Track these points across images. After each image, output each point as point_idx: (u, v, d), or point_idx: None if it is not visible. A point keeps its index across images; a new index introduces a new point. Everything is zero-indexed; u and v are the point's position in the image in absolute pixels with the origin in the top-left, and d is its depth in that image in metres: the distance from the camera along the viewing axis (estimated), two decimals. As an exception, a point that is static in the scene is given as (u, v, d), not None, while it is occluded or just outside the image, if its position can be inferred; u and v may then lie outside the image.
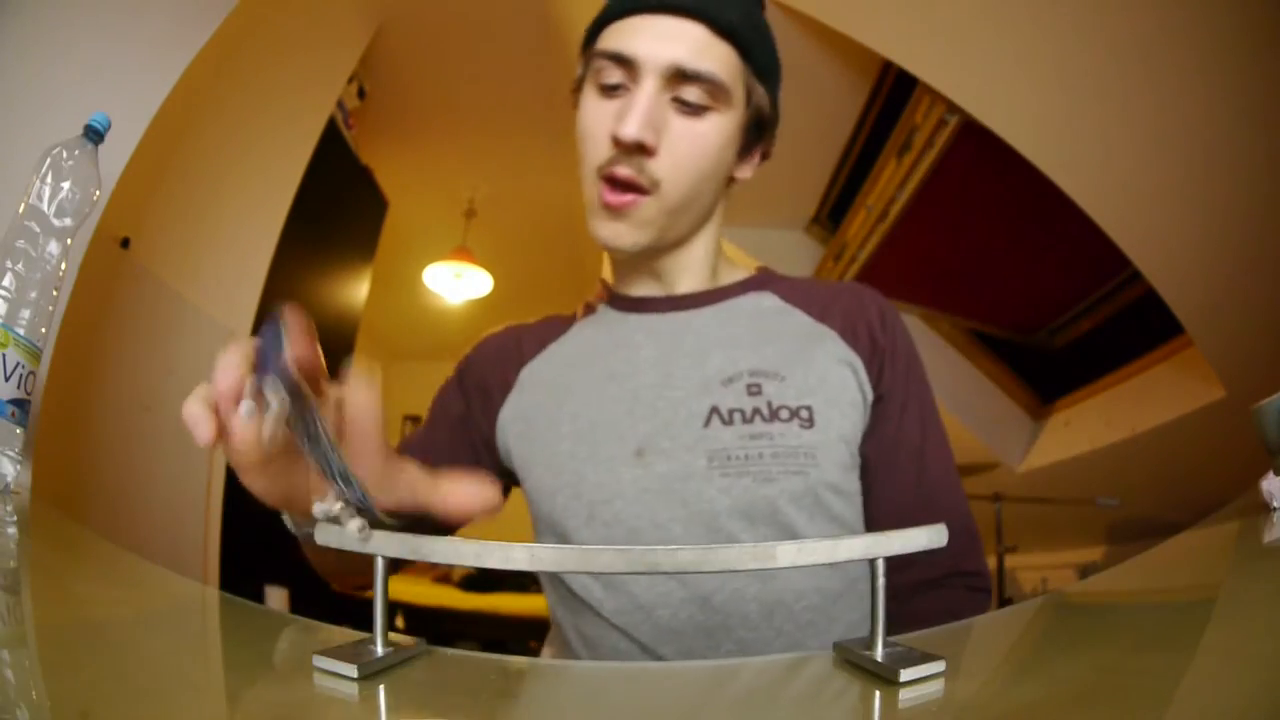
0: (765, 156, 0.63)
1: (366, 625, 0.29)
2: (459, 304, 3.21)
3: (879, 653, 0.28)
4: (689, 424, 0.54)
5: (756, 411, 0.54)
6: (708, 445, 0.53)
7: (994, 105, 1.28)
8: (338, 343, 2.11)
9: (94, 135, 0.64)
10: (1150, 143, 1.11)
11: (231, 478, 1.23)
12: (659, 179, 0.54)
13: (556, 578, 0.59)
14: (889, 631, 0.28)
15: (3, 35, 0.77)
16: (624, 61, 0.53)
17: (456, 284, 3.03)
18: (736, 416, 0.54)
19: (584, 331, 0.64)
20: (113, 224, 0.88)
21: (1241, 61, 0.99)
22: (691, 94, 0.53)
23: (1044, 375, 2.11)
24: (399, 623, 2.72)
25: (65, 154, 0.61)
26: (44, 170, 0.60)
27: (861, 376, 0.57)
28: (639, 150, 0.52)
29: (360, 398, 0.35)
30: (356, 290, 2.15)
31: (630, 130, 0.51)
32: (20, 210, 0.59)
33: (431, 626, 2.89)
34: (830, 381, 0.56)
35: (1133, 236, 1.23)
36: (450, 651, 0.32)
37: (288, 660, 0.32)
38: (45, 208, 0.59)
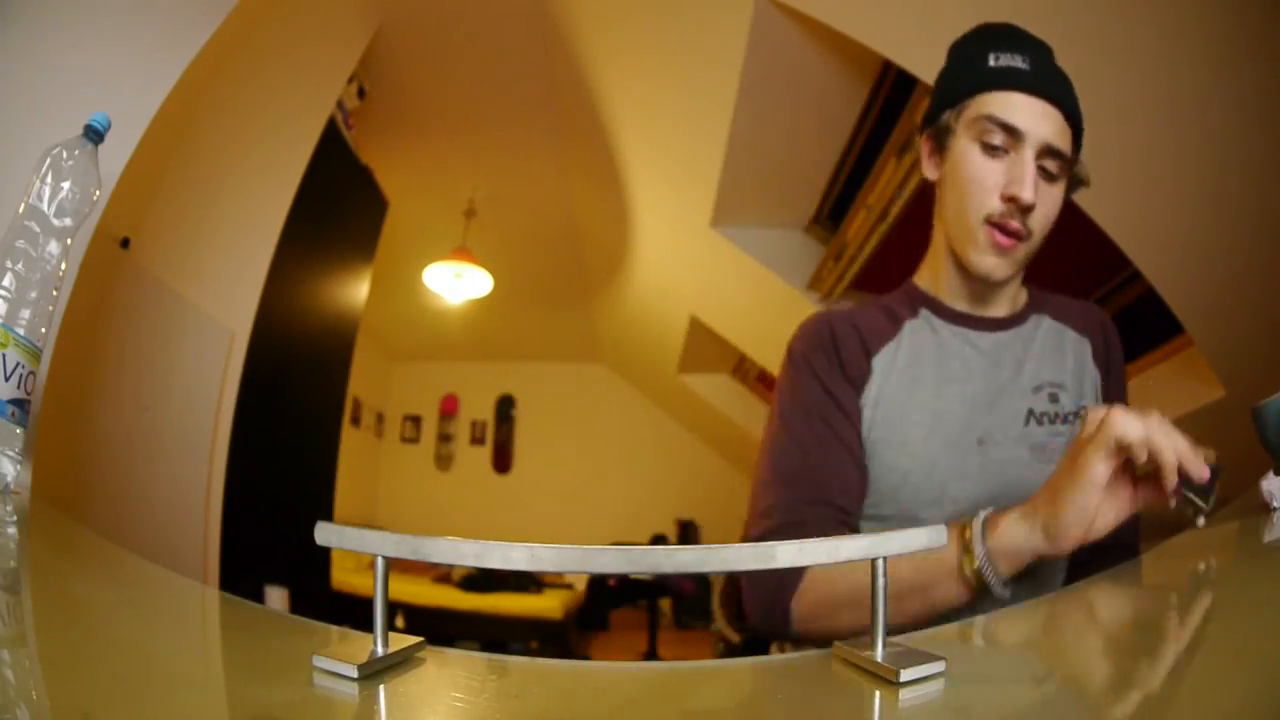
0: None
1: (366, 625, 0.29)
2: (459, 304, 3.21)
3: (879, 653, 0.28)
4: (1015, 421, 0.70)
5: (1058, 415, 0.70)
6: (1029, 439, 0.69)
7: (994, 105, 1.27)
8: (338, 342, 2.11)
9: (94, 135, 0.64)
10: (1149, 142, 1.11)
11: (231, 478, 1.23)
12: (1032, 229, 0.68)
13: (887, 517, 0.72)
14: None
15: (3, 35, 0.77)
16: (1012, 131, 0.67)
17: (456, 284, 3.03)
18: (1045, 418, 0.70)
19: (919, 333, 0.75)
20: (113, 224, 0.88)
21: (1241, 60, 0.99)
22: (1052, 165, 0.67)
23: (1044, 375, 2.11)
24: (399, 623, 2.72)
25: (65, 154, 0.61)
26: (44, 170, 0.60)
27: (1097, 388, 0.74)
28: (1026, 209, 0.67)
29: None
30: (356, 290, 2.15)
31: (1029, 196, 0.66)
32: (20, 210, 0.59)
33: (431, 626, 2.90)
34: (1087, 391, 0.73)
35: (1133, 236, 1.23)
36: (450, 651, 0.32)
37: (288, 660, 0.32)
38: (45, 208, 0.59)
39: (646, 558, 0.27)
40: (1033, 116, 0.67)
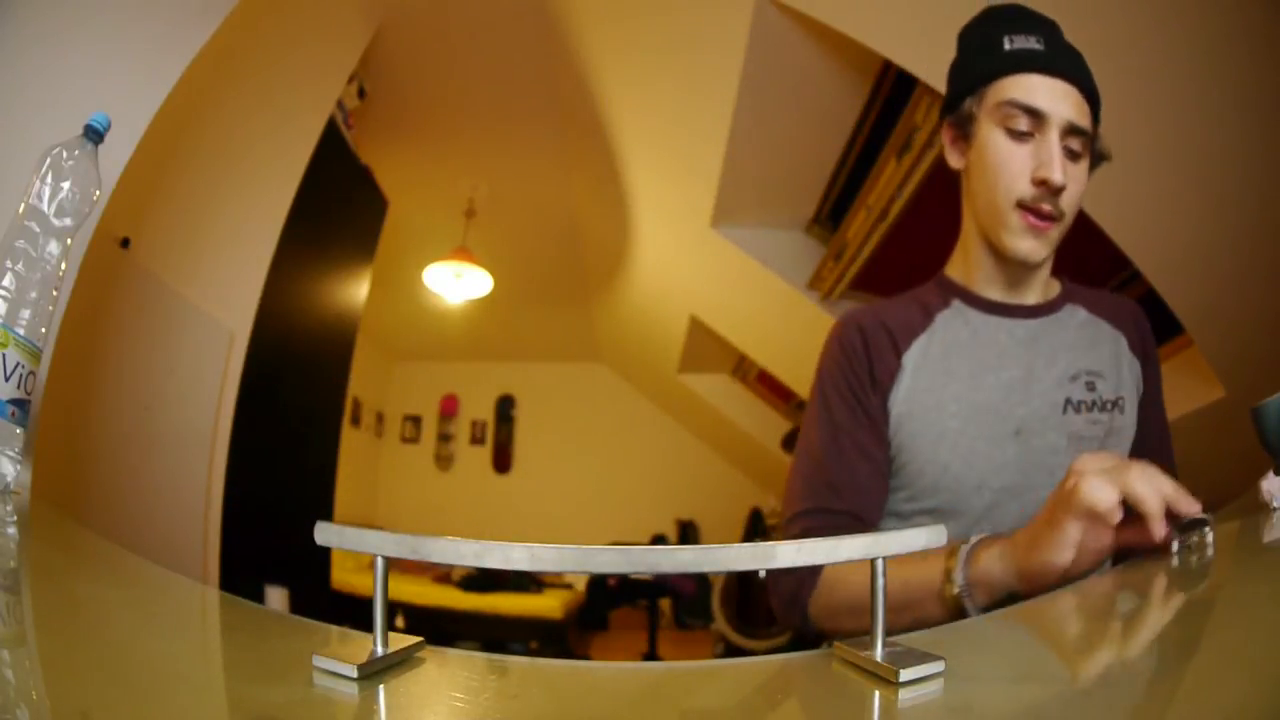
0: None
1: (366, 625, 0.29)
2: (459, 304, 3.21)
3: (879, 653, 0.28)
4: (1052, 411, 0.70)
5: (1095, 403, 0.71)
6: (1067, 428, 0.70)
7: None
8: (338, 342, 2.11)
9: (94, 135, 0.64)
10: (1149, 142, 1.11)
11: (231, 477, 1.23)
12: (1064, 210, 0.69)
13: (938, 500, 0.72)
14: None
15: (3, 35, 0.77)
16: (1035, 114, 0.68)
17: (456, 284, 3.03)
18: (1083, 406, 0.71)
19: (951, 324, 0.75)
20: (113, 224, 0.88)
21: (1240, 61, 0.99)
22: (1076, 144, 0.68)
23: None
24: (399, 623, 2.72)
25: (65, 154, 0.61)
26: (44, 170, 0.60)
27: (1138, 377, 0.75)
28: (1058, 191, 0.67)
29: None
30: (356, 290, 2.15)
31: (1059, 177, 0.67)
32: (20, 210, 0.59)
33: (431, 626, 2.89)
34: (1127, 380, 0.74)
35: (1133, 236, 1.23)
36: (450, 651, 0.32)
37: (288, 660, 0.32)
38: (45, 208, 0.59)
39: (646, 558, 0.27)
40: (1053, 97, 0.67)
